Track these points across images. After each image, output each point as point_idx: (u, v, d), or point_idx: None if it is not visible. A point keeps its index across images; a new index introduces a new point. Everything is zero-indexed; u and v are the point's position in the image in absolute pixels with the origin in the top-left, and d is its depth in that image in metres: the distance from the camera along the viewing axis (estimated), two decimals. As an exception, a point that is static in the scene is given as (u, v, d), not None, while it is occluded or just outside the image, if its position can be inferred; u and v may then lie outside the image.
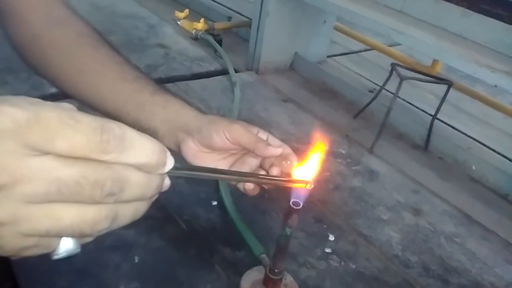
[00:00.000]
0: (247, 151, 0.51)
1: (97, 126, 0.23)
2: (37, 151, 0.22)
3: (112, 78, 0.52)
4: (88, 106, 0.53)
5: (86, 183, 0.23)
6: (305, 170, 0.46)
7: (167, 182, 0.29)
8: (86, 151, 0.23)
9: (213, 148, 0.50)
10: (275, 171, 0.49)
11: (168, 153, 0.28)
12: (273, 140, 0.52)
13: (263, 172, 0.51)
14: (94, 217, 0.25)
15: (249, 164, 0.51)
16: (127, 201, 0.26)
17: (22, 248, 0.25)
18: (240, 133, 0.49)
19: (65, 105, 0.25)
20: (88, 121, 0.23)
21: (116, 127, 0.24)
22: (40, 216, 0.23)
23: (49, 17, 0.53)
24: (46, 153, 0.23)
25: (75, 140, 0.23)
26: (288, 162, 0.49)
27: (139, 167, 0.26)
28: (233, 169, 0.52)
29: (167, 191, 0.70)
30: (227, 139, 0.48)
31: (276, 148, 0.48)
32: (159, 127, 0.51)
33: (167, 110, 0.51)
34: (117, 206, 0.26)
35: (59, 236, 0.25)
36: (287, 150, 0.51)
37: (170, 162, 0.28)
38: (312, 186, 0.42)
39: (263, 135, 0.52)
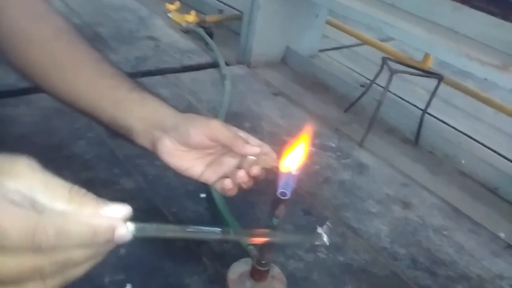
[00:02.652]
0: (225, 151, 0.50)
1: (27, 232, 0.25)
2: None
3: (88, 75, 0.51)
4: (63, 102, 0.53)
5: (23, 272, 0.26)
6: (287, 164, 0.45)
7: (125, 238, 0.30)
8: (21, 250, 0.25)
9: (190, 146, 0.48)
10: (255, 170, 0.48)
11: (117, 229, 0.29)
12: (252, 140, 0.51)
13: (241, 172, 0.49)
14: None
15: (227, 165, 0.50)
16: (75, 267, 0.28)
17: None
18: (218, 128, 0.48)
19: (17, 168, 0.27)
20: (18, 228, 0.25)
21: (50, 227, 0.26)
22: None
23: (27, 11, 0.52)
24: None
25: (5, 244, 0.25)
26: (267, 158, 0.48)
27: (84, 246, 0.28)
28: (210, 169, 0.50)
29: (155, 183, 0.68)
30: (205, 135, 0.47)
31: (253, 146, 0.47)
32: (135, 124, 0.49)
33: (144, 107, 0.50)
34: (65, 272, 0.28)
35: None
36: (266, 148, 0.50)
37: (118, 237, 0.29)
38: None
39: (242, 135, 0.51)
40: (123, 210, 0.30)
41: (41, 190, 0.28)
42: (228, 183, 0.49)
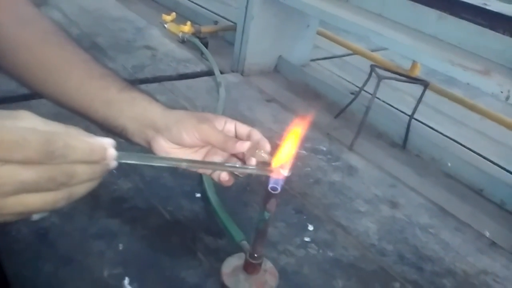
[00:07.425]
0: None
1: (43, 142, 0.31)
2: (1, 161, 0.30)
3: (78, 76, 0.52)
4: (56, 104, 0.54)
5: (42, 180, 0.32)
6: (280, 159, 0.48)
7: (113, 164, 0.37)
8: (38, 160, 0.31)
9: (183, 145, 0.51)
10: (253, 162, 0.51)
11: (108, 149, 0.36)
12: (241, 127, 0.54)
13: (235, 161, 0.52)
14: (53, 199, 0.33)
15: (222, 155, 0.53)
16: (79, 184, 0.35)
17: (4, 221, 0.33)
18: (209, 133, 0.50)
19: (22, 114, 0.33)
20: (36, 138, 0.31)
21: (59, 140, 0.32)
22: (13, 204, 0.32)
23: (15, 16, 0.53)
24: (7, 162, 0.30)
25: (28, 154, 0.31)
26: (262, 152, 0.50)
27: (84, 162, 0.34)
28: (206, 159, 0.53)
29: (152, 184, 0.71)
30: (197, 138, 0.50)
31: (244, 143, 0.50)
32: (127, 124, 0.51)
33: (135, 107, 0.51)
34: (71, 188, 0.34)
35: (31, 214, 0.35)
36: (257, 135, 0.52)
37: (109, 155, 0.36)
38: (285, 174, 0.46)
39: (230, 124, 0.54)
40: (110, 140, 0.37)
41: (42, 126, 0.33)
42: (224, 176, 0.52)
